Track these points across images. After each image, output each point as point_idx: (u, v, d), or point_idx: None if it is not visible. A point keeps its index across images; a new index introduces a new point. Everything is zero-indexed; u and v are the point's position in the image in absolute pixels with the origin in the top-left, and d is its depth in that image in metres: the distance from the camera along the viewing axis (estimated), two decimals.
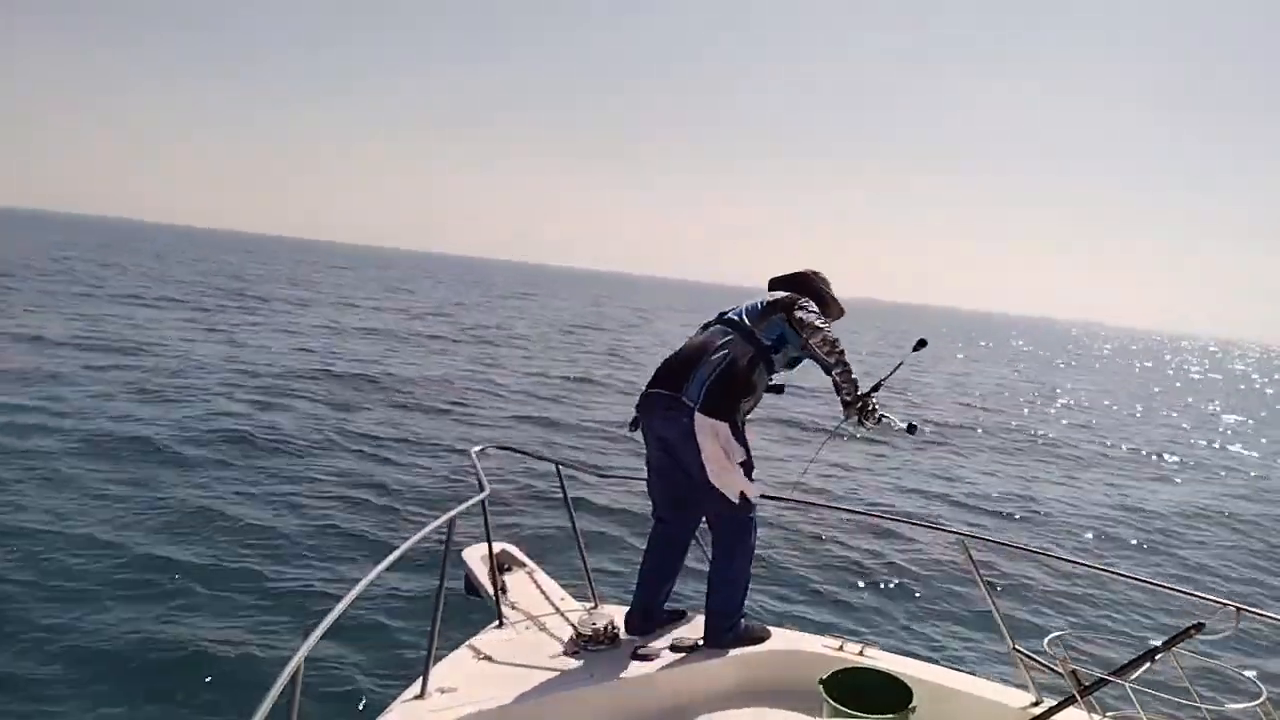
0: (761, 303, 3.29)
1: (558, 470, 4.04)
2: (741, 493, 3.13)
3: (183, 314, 25.06)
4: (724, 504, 3.14)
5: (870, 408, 3.10)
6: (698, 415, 3.06)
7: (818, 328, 3.12)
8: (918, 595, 6.06)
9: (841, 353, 3.12)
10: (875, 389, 3.17)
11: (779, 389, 3.39)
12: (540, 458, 4.61)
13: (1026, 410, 20.54)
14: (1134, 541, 7.44)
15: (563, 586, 3.80)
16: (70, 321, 20.09)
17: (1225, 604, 2.37)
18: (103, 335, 18.62)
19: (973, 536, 3.25)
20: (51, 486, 9.36)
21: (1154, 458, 12.70)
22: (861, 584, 6.30)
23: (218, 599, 6.28)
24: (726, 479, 3.10)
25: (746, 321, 3.24)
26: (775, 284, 3.46)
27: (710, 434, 3.06)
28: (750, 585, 3.30)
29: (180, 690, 5.03)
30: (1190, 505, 9.15)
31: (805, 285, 3.41)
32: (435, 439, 11.54)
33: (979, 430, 14.52)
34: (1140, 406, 25.81)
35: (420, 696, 2.76)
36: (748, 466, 3.16)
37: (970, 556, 3.01)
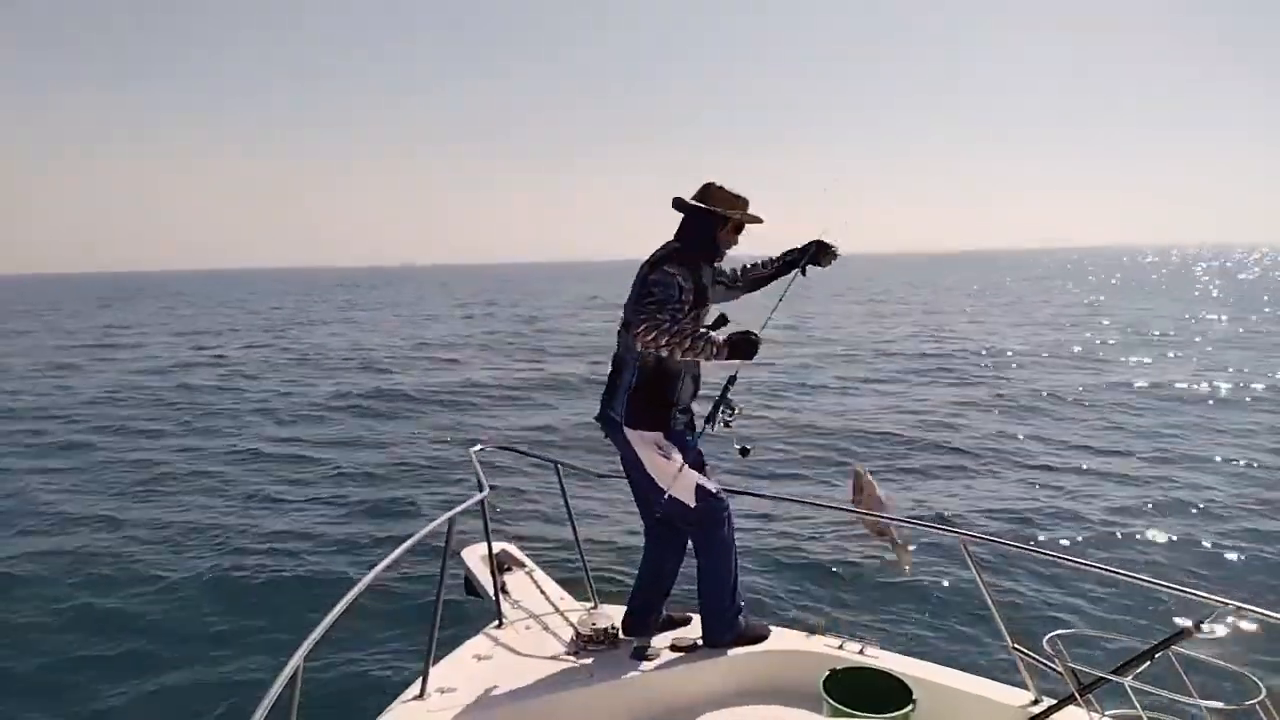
0: (630, 298, 3.05)
1: (557, 470, 4.04)
2: (697, 490, 3.07)
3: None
4: (683, 506, 3.09)
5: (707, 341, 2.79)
6: (627, 431, 3.05)
7: (638, 336, 2.82)
8: (918, 594, 6.06)
9: (665, 341, 2.77)
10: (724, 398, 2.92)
11: (721, 323, 2.98)
12: (540, 458, 4.61)
13: None
14: None
15: (562, 586, 3.80)
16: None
17: (1225, 602, 2.37)
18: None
19: (973, 536, 3.24)
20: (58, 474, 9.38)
21: None
22: (861, 583, 6.30)
23: (217, 598, 6.29)
24: (675, 483, 3.03)
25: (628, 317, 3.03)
26: (676, 205, 3.14)
27: (643, 444, 3.05)
28: (740, 581, 3.26)
29: (180, 690, 5.03)
30: None
31: (689, 221, 3.09)
32: (435, 438, 11.54)
33: None
34: None
35: (420, 696, 2.76)
36: (699, 464, 3.11)
37: (970, 556, 3.01)
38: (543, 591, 3.73)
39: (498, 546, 3.82)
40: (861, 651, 3.09)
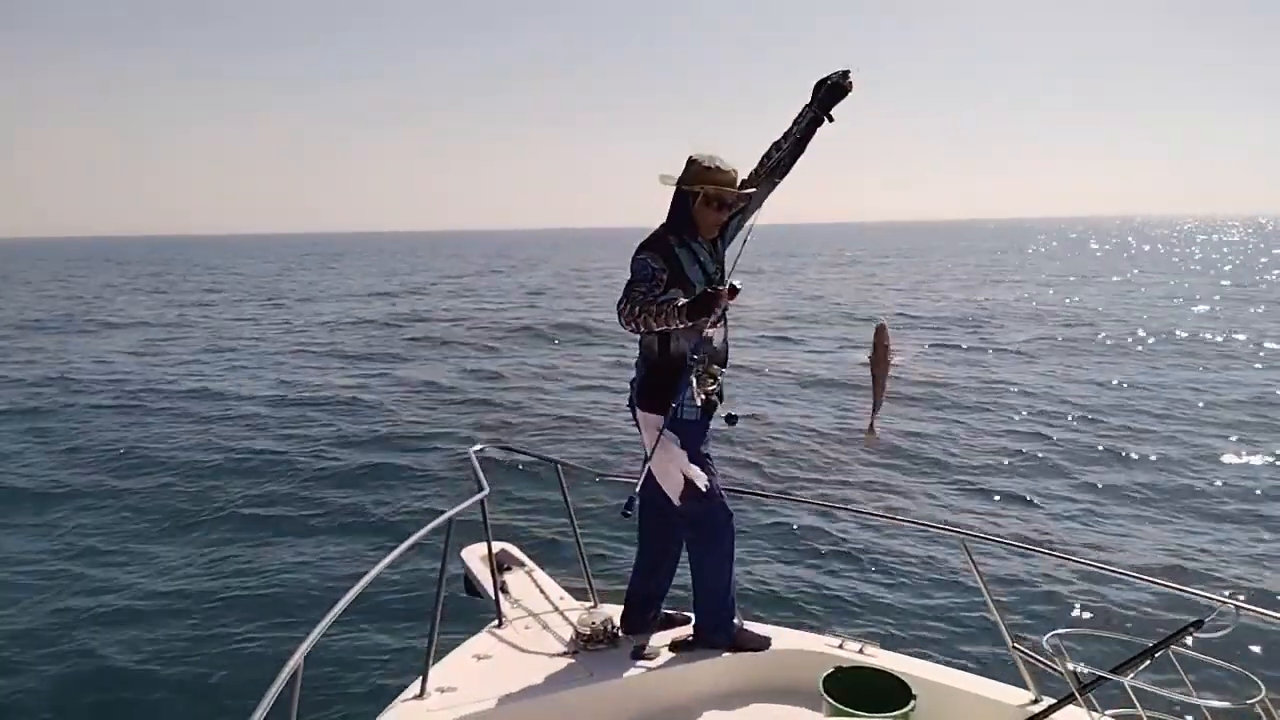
0: None
1: (557, 470, 4.04)
2: (689, 488, 2.97)
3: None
4: (672, 501, 3.03)
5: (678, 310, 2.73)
6: (638, 411, 3.03)
7: (620, 315, 2.82)
8: (918, 594, 6.06)
9: (638, 313, 2.76)
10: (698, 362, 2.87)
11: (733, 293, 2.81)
12: (540, 458, 4.61)
13: None
14: None
15: (562, 586, 3.80)
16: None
17: (1225, 601, 2.37)
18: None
19: (973, 536, 3.25)
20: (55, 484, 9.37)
21: None
22: (861, 583, 6.30)
23: (217, 598, 6.29)
24: (664, 475, 2.98)
25: None
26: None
27: (646, 427, 3.00)
28: (735, 583, 3.18)
29: (180, 690, 5.04)
30: None
31: (673, 199, 3.01)
32: (435, 438, 11.53)
33: None
34: None
35: (420, 696, 2.76)
36: (699, 460, 2.99)
37: (970, 556, 3.01)
38: (542, 591, 3.73)
39: (498, 546, 3.82)
40: (861, 651, 3.09)
